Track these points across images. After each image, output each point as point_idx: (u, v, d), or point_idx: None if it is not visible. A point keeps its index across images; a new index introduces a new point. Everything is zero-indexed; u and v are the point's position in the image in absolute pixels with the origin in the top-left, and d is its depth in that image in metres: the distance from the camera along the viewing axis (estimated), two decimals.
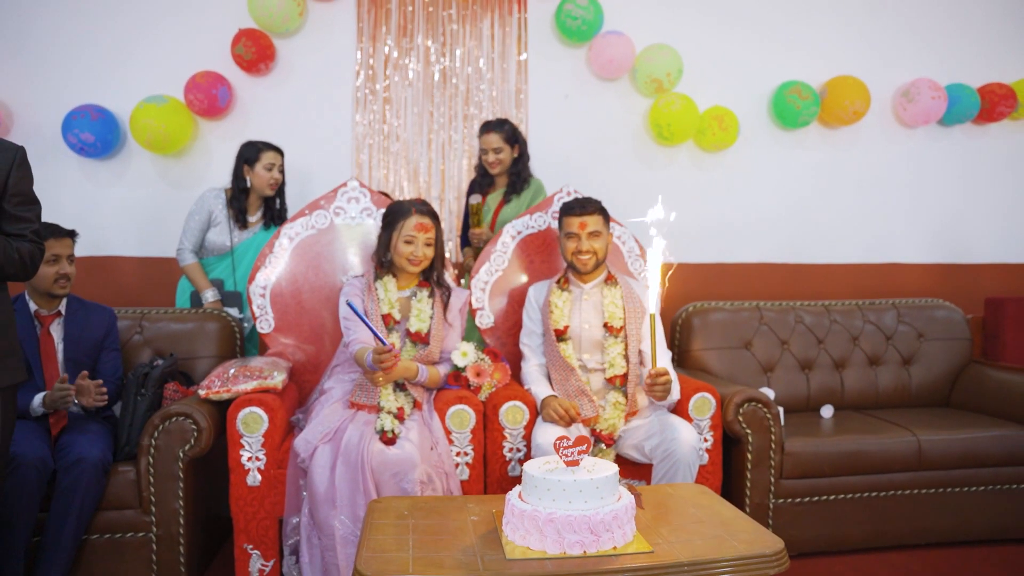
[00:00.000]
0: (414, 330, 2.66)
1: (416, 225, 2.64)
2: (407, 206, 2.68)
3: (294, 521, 2.42)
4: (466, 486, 2.54)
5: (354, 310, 2.34)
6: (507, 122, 3.44)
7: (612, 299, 2.71)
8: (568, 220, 2.71)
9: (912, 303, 3.64)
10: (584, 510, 1.56)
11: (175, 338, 3.01)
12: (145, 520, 2.47)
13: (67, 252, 2.60)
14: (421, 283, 2.75)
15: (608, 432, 2.56)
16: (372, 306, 2.64)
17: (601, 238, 2.70)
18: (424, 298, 2.71)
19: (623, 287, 2.74)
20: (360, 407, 2.49)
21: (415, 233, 2.64)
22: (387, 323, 2.64)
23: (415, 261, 2.65)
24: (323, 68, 3.95)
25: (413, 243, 2.64)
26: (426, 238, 2.66)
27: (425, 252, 2.67)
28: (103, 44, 3.84)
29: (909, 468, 2.86)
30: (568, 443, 1.66)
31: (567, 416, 2.51)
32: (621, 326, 2.68)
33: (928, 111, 4.14)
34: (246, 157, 3.31)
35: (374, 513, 1.78)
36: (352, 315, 2.57)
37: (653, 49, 3.98)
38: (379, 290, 2.67)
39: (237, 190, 3.32)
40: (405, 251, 2.64)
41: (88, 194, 3.88)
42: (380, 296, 2.66)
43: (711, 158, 4.20)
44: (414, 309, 2.68)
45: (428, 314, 2.68)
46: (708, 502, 1.88)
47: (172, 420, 2.45)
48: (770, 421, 2.75)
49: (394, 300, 2.68)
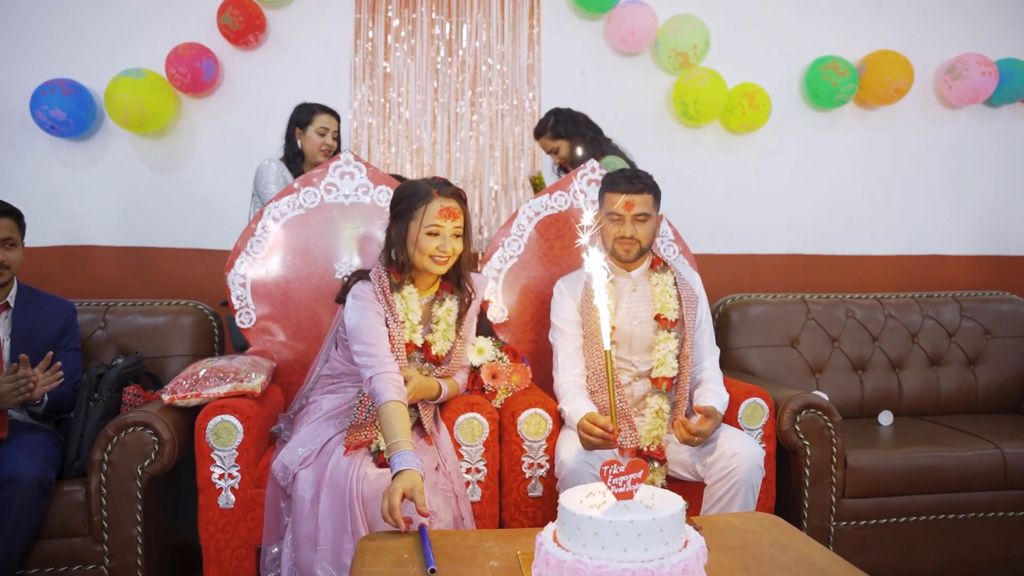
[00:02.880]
0: (435, 351, 2.15)
1: (441, 211, 2.06)
2: (425, 187, 2.09)
3: (274, 551, 2.03)
4: (478, 508, 2.15)
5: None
6: (551, 117, 3.32)
7: (664, 287, 2.30)
8: (611, 197, 2.27)
9: (975, 296, 3.30)
10: (645, 561, 1.16)
11: (143, 334, 2.66)
12: (96, 550, 2.09)
13: (6, 235, 2.24)
14: (443, 285, 2.22)
15: (655, 447, 2.16)
16: (395, 328, 2.07)
17: (649, 222, 2.28)
18: (453, 309, 2.19)
19: (674, 272, 2.35)
20: (358, 446, 2.00)
21: (441, 222, 2.06)
22: (409, 352, 2.10)
23: (442, 259, 2.09)
24: (318, 40, 3.68)
25: (439, 234, 2.07)
26: (454, 227, 2.08)
27: (454, 245, 2.10)
28: (76, 13, 3.56)
29: (992, 487, 2.51)
30: (619, 468, 1.26)
31: (604, 438, 1.94)
32: (676, 319, 2.28)
33: (976, 89, 3.85)
34: (298, 120, 3.20)
35: (365, 556, 1.38)
36: (373, 337, 1.99)
37: (677, 20, 3.69)
38: (398, 304, 2.10)
39: (292, 154, 3.18)
40: (429, 247, 2.06)
41: (61, 177, 3.61)
42: (400, 314, 2.09)
43: (739, 140, 3.92)
44: (441, 323, 2.16)
45: (453, 329, 2.19)
46: (787, 539, 1.48)
47: (129, 431, 2.08)
48: (832, 431, 2.38)
49: (416, 321, 2.12)
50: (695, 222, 3.82)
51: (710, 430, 2.03)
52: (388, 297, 2.10)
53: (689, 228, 3.74)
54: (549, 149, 3.36)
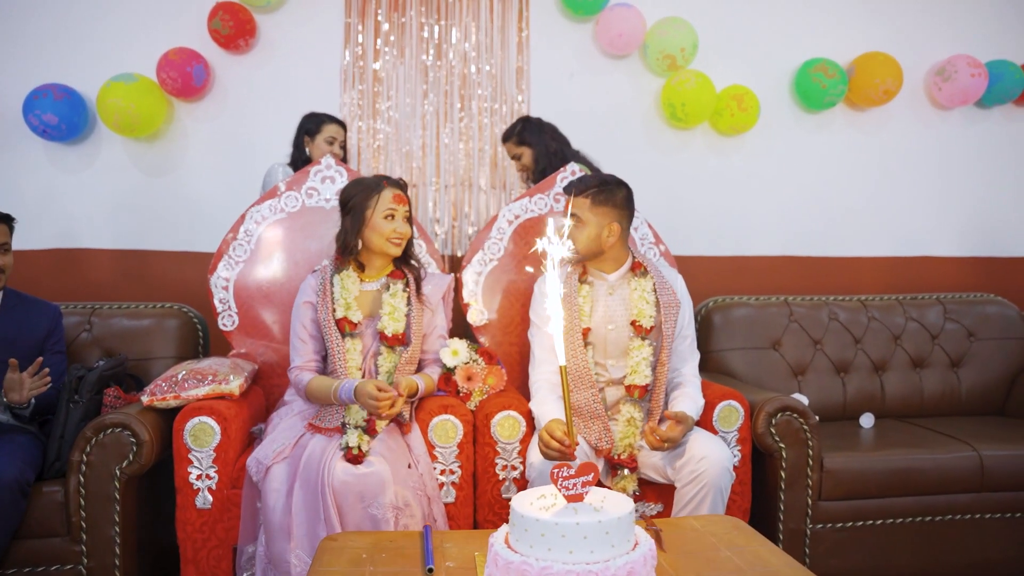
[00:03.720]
0: (389, 332, 2.26)
1: (394, 197, 2.28)
2: (374, 180, 2.32)
3: (249, 551, 2.06)
4: (451, 510, 2.17)
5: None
6: (518, 124, 3.35)
7: (642, 292, 2.27)
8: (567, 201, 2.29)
9: (959, 298, 3.30)
10: (590, 563, 1.18)
11: (128, 336, 2.69)
12: (74, 550, 2.12)
13: (3, 240, 2.27)
14: (393, 272, 2.36)
15: (626, 454, 2.16)
16: (325, 309, 2.25)
17: (585, 227, 2.23)
18: (399, 291, 2.31)
19: (655, 277, 2.33)
20: (320, 430, 2.12)
21: (395, 206, 2.27)
22: (342, 329, 2.23)
23: (397, 240, 2.28)
24: (308, 45, 3.67)
25: (395, 217, 2.27)
26: (404, 212, 2.30)
27: (406, 228, 2.30)
28: (68, 18, 3.56)
29: (970, 489, 2.51)
30: (569, 472, 1.28)
31: (560, 452, 1.96)
32: (652, 326, 2.26)
33: (966, 90, 3.82)
34: (307, 128, 3.27)
35: (324, 556, 1.41)
36: (303, 331, 2.26)
37: (666, 23, 3.67)
38: (336, 287, 2.27)
39: (300, 162, 3.21)
40: (386, 229, 2.26)
41: (54, 181, 3.61)
42: (336, 295, 2.26)
43: (728, 142, 3.90)
44: (386, 305, 2.29)
45: (403, 311, 2.29)
46: (745, 541, 1.50)
47: (107, 432, 2.10)
48: (807, 434, 2.38)
49: (351, 299, 2.27)
50: (685, 223, 3.82)
51: (679, 436, 2.03)
52: (327, 281, 2.29)
53: (678, 229, 3.76)
54: (512, 155, 3.39)
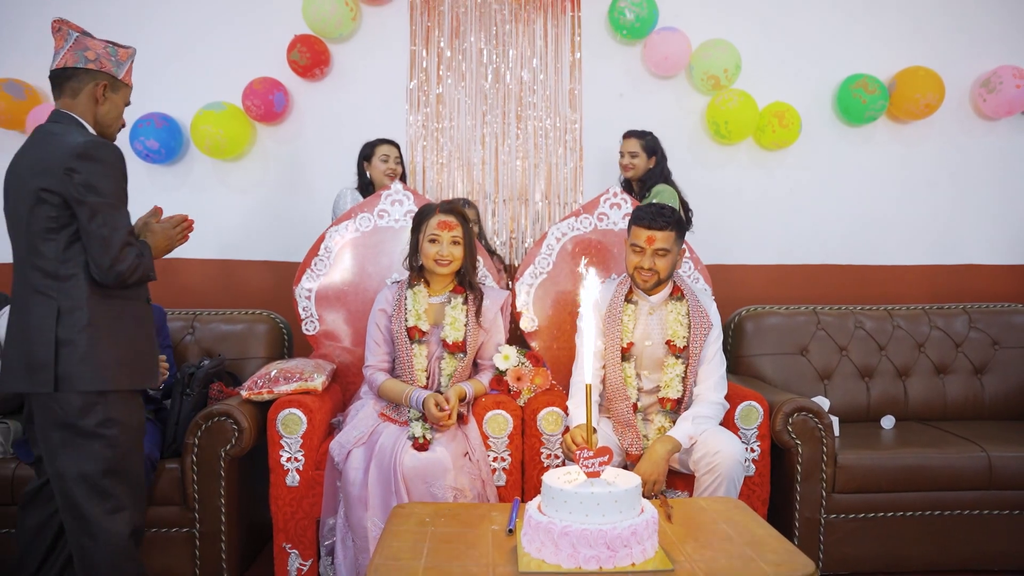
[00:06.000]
0: (450, 340, 2.58)
1: (439, 224, 2.56)
2: (432, 206, 2.62)
3: (331, 522, 2.45)
4: (503, 492, 2.51)
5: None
6: (650, 133, 3.61)
7: (677, 315, 2.51)
8: (636, 231, 2.45)
9: (986, 308, 3.42)
10: (601, 524, 1.51)
11: (225, 339, 3.08)
12: (189, 516, 2.53)
13: None
14: (456, 288, 2.66)
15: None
16: (398, 318, 2.59)
17: (669, 256, 2.44)
18: (459, 304, 2.61)
19: (689, 301, 2.54)
20: (390, 420, 2.49)
21: (438, 232, 2.55)
22: (412, 336, 2.58)
23: (442, 261, 2.56)
24: (377, 71, 3.99)
25: (437, 242, 2.56)
26: (451, 236, 2.56)
27: (452, 251, 2.57)
28: (164, 53, 3.94)
29: (977, 487, 2.68)
30: (590, 453, 1.61)
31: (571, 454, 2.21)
32: (684, 346, 2.51)
33: (1012, 100, 3.89)
34: (364, 154, 3.62)
35: (395, 519, 1.77)
36: (378, 334, 2.61)
37: (709, 45, 3.88)
38: (408, 299, 2.60)
39: (364, 184, 3.61)
40: (431, 251, 2.56)
41: (154, 198, 3.84)
42: (408, 306, 2.59)
43: (771, 156, 4.06)
44: (448, 316, 2.60)
45: (463, 322, 2.60)
46: (741, 518, 1.80)
47: (214, 420, 2.50)
48: (822, 432, 2.62)
49: (422, 311, 2.59)
50: (727, 234, 3.98)
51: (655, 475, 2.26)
52: (403, 293, 2.62)
53: (721, 239, 3.94)
54: (630, 151, 3.60)
